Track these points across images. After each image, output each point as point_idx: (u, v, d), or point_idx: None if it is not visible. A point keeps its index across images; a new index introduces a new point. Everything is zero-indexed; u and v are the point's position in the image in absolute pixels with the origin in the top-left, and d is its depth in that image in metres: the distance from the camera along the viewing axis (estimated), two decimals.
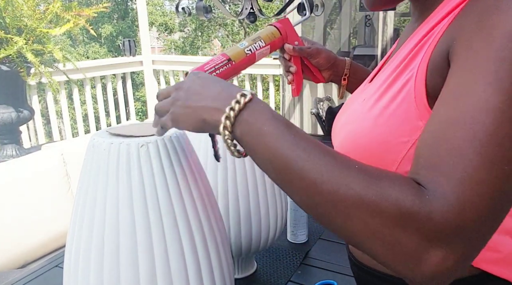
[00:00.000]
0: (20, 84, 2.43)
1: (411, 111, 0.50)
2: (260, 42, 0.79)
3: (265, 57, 0.82)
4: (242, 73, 3.90)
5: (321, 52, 0.88)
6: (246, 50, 0.76)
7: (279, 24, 0.83)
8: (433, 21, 0.52)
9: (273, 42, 0.81)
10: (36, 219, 1.64)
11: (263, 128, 0.45)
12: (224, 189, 0.85)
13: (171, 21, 15.05)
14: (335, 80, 0.93)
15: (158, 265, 0.55)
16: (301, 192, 0.43)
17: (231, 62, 0.73)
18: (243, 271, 0.98)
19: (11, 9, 2.27)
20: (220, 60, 0.72)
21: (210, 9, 1.48)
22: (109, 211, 0.55)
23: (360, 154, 0.55)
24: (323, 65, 0.89)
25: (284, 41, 0.84)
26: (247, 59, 0.76)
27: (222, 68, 0.72)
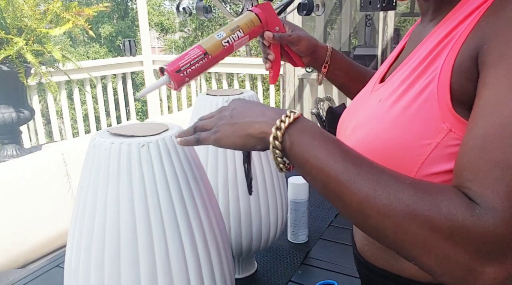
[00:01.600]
0: (20, 84, 2.44)
1: (434, 113, 0.50)
2: (239, 32, 0.75)
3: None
4: (242, 73, 3.89)
5: (301, 39, 0.86)
6: (223, 42, 0.72)
7: (259, 9, 0.79)
8: (455, 20, 0.51)
9: (252, 31, 0.77)
10: (36, 219, 1.64)
11: (313, 141, 0.47)
12: (224, 189, 0.85)
13: (168, 21, 15.03)
14: (314, 65, 0.92)
15: (158, 265, 0.55)
16: (352, 205, 0.44)
17: (208, 55, 0.69)
18: (243, 271, 0.98)
19: (12, 9, 2.27)
20: (196, 54, 0.68)
21: (210, 9, 1.48)
22: (109, 211, 0.55)
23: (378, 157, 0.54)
24: (303, 52, 0.87)
25: (264, 28, 0.81)
26: (224, 51, 0.72)
27: (198, 63, 0.68)
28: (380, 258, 0.62)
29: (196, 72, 0.68)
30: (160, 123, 0.66)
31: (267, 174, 0.88)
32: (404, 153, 0.52)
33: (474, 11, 0.49)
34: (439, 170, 0.51)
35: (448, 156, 0.50)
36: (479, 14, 0.48)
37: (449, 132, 0.49)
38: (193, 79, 0.68)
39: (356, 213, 0.44)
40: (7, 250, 1.54)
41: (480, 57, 0.46)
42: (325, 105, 2.72)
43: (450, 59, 0.49)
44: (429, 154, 0.50)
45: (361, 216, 0.44)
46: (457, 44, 0.49)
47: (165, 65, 0.66)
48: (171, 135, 0.59)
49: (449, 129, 0.49)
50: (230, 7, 10.01)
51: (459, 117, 0.49)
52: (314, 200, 1.38)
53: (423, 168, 0.51)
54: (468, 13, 0.50)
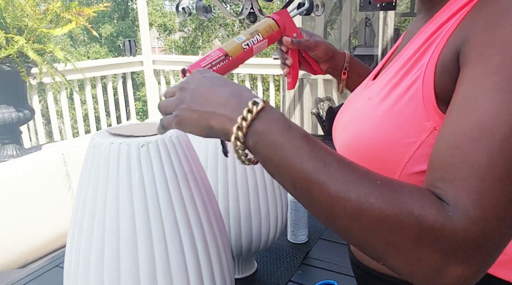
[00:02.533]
0: (20, 84, 2.44)
1: (419, 111, 0.49)
2: (258, 36, 0.77)
3: (265, 58, 0.81)
4: (242, 73, 3.90)
5: (319, 45, 0.86)
6: (243, 45, 0.75)
7: (277, 16, 0.81)
8: (442, 18, 0.51)
9: (271, 35, 0.80)
10: (36, 219, 1.64)
11: (278, 139, 0.44)
12: (224, 189, 0.85)
13: (170, 22, 15.05)
14: (333, 73, 0.92)
15: (158, 265, 0.55)
16: (321, 206, 0.42)
17: (228, 57, 0.71)
18: (243, 271, 0.98)
19: (12, 9, 2.27)
20: (217, 56, 0.70)
21: (210, 9, 1.48)
22: (109, 211, 0.55)
23: (365, 153, 0.54)
24: (321, 57, 0.88)
25: (282, 34, 0.83)
26: (244, 53, 0.75)
27: (219, 64, 0.70)
28: (372, 259, 0.62)
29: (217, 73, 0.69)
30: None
31: (267, 174, 0.88)
32: (389, 151, 0.52)
33: (461, 9, 0.49)
34: (424, 168, 0.50)
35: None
36: (464, 13, 0.48)
37: (433, 130, 0.49)
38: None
39: (325, 214, 0.42)
40: (7, 250, 1.54)
41: (461, 56, 0.46)
42: (325, 105, 2.72)
43: (434, 58, 0.49)
44: (414, 153, 0.50)
45: (330, 217, 0.42)
46: (442, 42, 0.49)
47: (187, 66, 0.67)
48: (171, 135, 0.59)
49: (433, 127, 0.49)
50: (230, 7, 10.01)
51: (443, 115, 0.48)
52: None
53: (408, 167, 0.51)
54: (455, 11, 0.50)
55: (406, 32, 0.69)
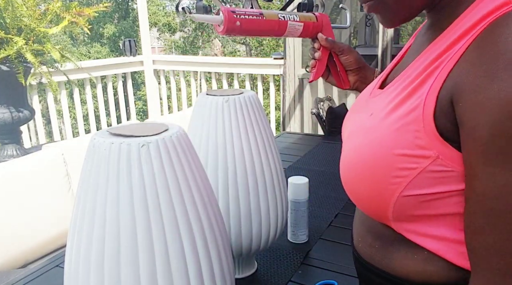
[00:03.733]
0: (20, 84, 2.44)
1: (421, 138, 0.49)
2: (295, 16, 0.80)
3: (265, 57, 0.82)
4: (242, 73, 3.89)
5: (352, 51, 0.88)
6: (280, 15, 0.77)
7: (319, 14, 0.85)
8: (450, 38, 0.50)
9: (307, 23, 0.82)
10: (36, 219, 1.64)
11: None
12: (224, 189, 0.85)
13: (174, 22, 15.05)
14: (361, 87, 0.91)
15: (158, 265, 0.55)
16: None
17: (262, 16, 0.74)
18: (243, 271, 0.98)
19: (11, 9, 2.27)
20: (252, 10, 0.73)
21: (210, 9, 1.48)
22: (109, 211, 0.55)
23: (364, 171, 0.55)
24: (352, 64, 0.88)
25: (318, 29, 0.85)
26: (278, 23, 0.77)
27: (252, 16, 0.72)
28: (375, 257, 0.62)
29: (248, 23, 0.73)
30: (160, 123, 0.66)
31: (267, 174, 0.88)
32: (388, 173, 0.52)
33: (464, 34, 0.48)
34: (423, 192, 0.51)
35: (434, 180, 0.50)
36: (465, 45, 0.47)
37: (436, 158, 0.49)
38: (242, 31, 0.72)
39: None
40: (7, 250, 1.54)
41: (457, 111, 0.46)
42: (325, 105, 2.72)
43: (434, 91, 0.49)
44: (414, 178, 0.50)
45: None
46: (443, 74, 0.48)
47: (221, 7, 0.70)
48: (171, 135, 0.59)
49: (436, 156, 0.49)
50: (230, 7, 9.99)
51: (447, 144, 0.48)
52: (314, 200, 1.38)
53: (406, 190, 0.51)
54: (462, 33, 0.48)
55: (416, 37, 0.67)
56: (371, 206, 0.57)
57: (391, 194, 0.52)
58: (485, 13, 0.47)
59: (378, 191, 0.54)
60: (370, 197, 0.56)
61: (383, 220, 0.57)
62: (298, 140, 2.20)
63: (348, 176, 0.59)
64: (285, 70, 3.33)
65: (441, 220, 0.52)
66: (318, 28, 0.85)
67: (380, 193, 0.53)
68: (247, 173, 0.86)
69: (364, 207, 0.60)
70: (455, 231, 0.52)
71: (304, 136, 2.34)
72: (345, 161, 0.60)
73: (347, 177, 0.60)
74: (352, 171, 0.58)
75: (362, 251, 0.65)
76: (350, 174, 0.59)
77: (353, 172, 0.58)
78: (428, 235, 0.54)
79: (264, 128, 0.88)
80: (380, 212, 0.56)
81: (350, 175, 0.59)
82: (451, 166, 0.49)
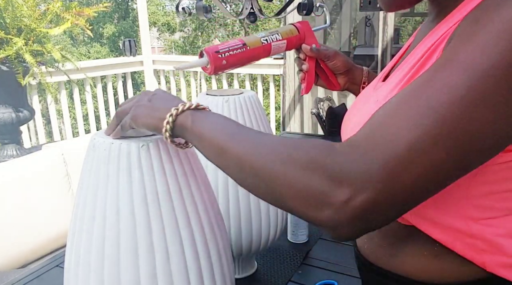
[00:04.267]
0: (20, 84, 2.44)
1: None
2: (277, 35, 0.79)
3: (265, 57, 0.82)
4: (242, 73, 3.89)
5: (338, 55, 0.87)
6: (262, 39, 0.76)
7: (299, 24, 0.84)
8: (449, 22, 0.51)
9: (290, 38, 0.81)
10: (36, 219, 1.64)
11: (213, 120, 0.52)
12: (224, 189, 0.85)
13: (174, 21, 15.05)
14: (351, 88, 0.92)
15: (158, 265, 0.55)
16: (233, 168, 0.49)
17: (246, 46, 0.73)
18: (243, 271, 0.98)
19: (11, 9, 2.27)
20: (235, 43, 0.72)
21: (210, 9, 1.48)
22: (109, 211, 0.55)
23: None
24: (339, 68, 0.88)
25: (301, 40, 0.84)
26: (262, 48, 0.76)
27: (236, 50, 0.72)
28: (379, 257, 0.62)
29: (233, 59, 0.72)
30: None
31: None
32: None
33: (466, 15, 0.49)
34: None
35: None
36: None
37: None
38: (229, 67, 0.72)
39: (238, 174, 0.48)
40: (7, 250, 1.54)
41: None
42: (325, 105, 2.72)
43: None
44: None
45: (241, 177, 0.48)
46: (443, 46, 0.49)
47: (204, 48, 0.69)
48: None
49: None
50: (230, 7, 10.01)
51: None
52: None
53: None
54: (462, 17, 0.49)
55: (417, 32, 0.68)
56: None
57: None
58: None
59: None
60: None
61: None
62: None
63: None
64: (285, 70, 3.33)
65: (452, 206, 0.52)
66: (301, 39, 0.84)
67: None
68: None
69: None
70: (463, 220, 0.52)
71: (304, 136, 2.34)
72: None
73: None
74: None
75: (368, 253, 0.65)
76: None
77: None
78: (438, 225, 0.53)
79: (264, 128, 0.88)
80: None
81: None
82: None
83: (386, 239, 0.61)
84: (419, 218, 0.55)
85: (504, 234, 0.51)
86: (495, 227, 0.51)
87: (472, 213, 0.51)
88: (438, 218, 0.53)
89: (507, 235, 0.51)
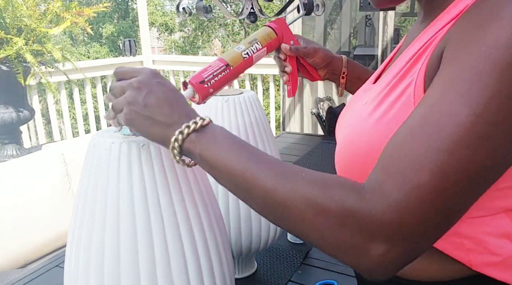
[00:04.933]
0: (20, 84, 2.44)
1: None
2: (257, 45, 0.78)
3: (264, 57, 0.82)
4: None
5: (317, 51, 0.87)
6: (243, 53, 0.75)
7: (275, 24, 0.82)
8: (439, 24, 0.51)
9: (269, 43, 0.80)
10: (36, 219, 1.64)
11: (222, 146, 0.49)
12: (224, 189, 0.85)
13: (172, 21, 15.05)
14: (332, 78, 0.92)
15: (158, 265, 0.55)
16: (257, 201, 0.47)
17: (229, 67, 0.71)
18: (243, 271, 0.98)
19: (11, 9, 2.27)
20: (218, 66, 0.70)
21: (210, 9, 1.48)
22: (109, 211, 0.55)
23: (361, 160, 0.54)
24: (319, 64, 0.88)
25: (280, 42, 0.83)
26: (245, 62, 0.75)
27: (221, 74, 0.70)
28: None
29: (219, 83, 0.70)
30: None
31: None
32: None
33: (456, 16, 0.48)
34: None
35: None
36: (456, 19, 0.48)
37: None
38: (217, 91, 0.70)
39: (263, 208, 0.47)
40: (7, 250, 1.54)
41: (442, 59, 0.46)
42: (325, 105, 2.72)
43: (425, 63, 0.49)
44: None
45: (266, 210, 0.47)
46: (433, 48, 0.49)
47: (188, 79, 0.67)
48: None
49: None
50: (230, 7, 10.01)
51: None
52: None
53: None
54: (453, 17, 0.49)
55: (406, 36, 0.68)
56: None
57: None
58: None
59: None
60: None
61: None
62: (298, 140, 2.20)
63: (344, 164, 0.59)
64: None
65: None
66: (280, 40, 0.83)
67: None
68: None
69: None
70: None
71: (304, 136, 2.34)
72: (341, 152, 0.60)
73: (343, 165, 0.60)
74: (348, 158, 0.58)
75: None
76: (346, 162, 0.59)
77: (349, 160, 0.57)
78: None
79: (264, 128, 0.88)
80: None
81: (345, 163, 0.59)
82: None
83: None
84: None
85: (491, 232, 0.51)
86: (483, 225, 0.51)
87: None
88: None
89: (494, 234, 0.51)
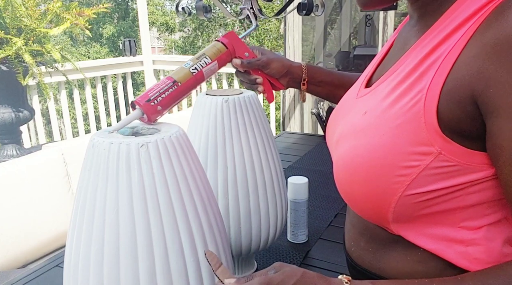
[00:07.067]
0: (20, 84, 2.44)
1: (421, 136, 0.49)
2: (206, 59, 0.76)
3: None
4: None
5: (271, 62, 0.86)
6: (191, 69, 0.74)
7: (225, 38, 0.81)
8: (440, 34, 0.50)
9: (219, 57, 0.79)
10: (36, 219, 1.64)
11: None
12: (224, 189, 0.85)
13: (172, 21, 15.05)
14: (294, 85, 0.92)
15: (158, 265, 0.55)
16: None
17: (177, 83, 0.70)
18: (243, 271, 0.98)
19: (11, 9, 2.27)
20: (164, 84, 0.69)
21: (210, 9, 1.48)
22: (109, 211, 0.55)
23: (364, 173, 0.53)
24: (276, 73, 0.87)
25: (232, 55, 0.82)
26: (195, 78, 0.74)
27: (168, 91, 0.69)
28: (366, 260, 0.62)
29: (168, 101, 0.69)
30: (159, 123, 0.66)
31: (266, 174, 0.88)
32: (390, 172, 0.51)
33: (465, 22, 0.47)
34: (426, 190, 0.50)
35: (437, 176, 0.49)
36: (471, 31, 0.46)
37: (438, 154, 0.48)
38: (167, 109, 0.69)
39: None
40: (7, 250, 1.54)
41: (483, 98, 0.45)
42: (325, 105, 2.72)
43: (437, 83, 0.48)
44: (416, 176, 0.50)
45: None
46: (444, 67, 0.48)
47: (135, 99, 0.66)
48: (170, 135, 0.59)
49: (438, 152, 0.48)
50: (230, 7, 10.01)
51: (448, 139, 0.48)
52: (314, 200, 1.38)
53: (409, 189, 0.51)
54: (459, 24, 0.48)
55: (396, 38, 0.66)
56: (370, 208, 0.56)
57: (393, 194, 0.52)
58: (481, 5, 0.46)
59: (379, 192, 0.53)
60: (369, 199, 0.55)
61: (382, 222, 0.57)
62: (298, 140, 2.20)
63: (345, 179, 0.58)
64: None
65: (443, 217, 0.52)
66: (231, 53, 0.82)
67: (381, 194, 0.53)
68: (247, 173, 0.86)
69: (362, 210, 0.59)
70: (455, 229, 0.52)
71: (304, 136, 2.34)
72: (340, 164, 0.59)
73: (344, 181, 0.58)
74: (349, 174, 0.56)
75: (355, 255, 0.65)
76: (347, 178, 0.57)
77: (350, 175, 0.56)
78: (428, 235, 0.54)
79: (264, 128, 0.88)
80: (379, 214, 0.55)
81: (346, 179, 0.57)
82: (455, 160, 0.48)
83: (370, 244, 0.61)
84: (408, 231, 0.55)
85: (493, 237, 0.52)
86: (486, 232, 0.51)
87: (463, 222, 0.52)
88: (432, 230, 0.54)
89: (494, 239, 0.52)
